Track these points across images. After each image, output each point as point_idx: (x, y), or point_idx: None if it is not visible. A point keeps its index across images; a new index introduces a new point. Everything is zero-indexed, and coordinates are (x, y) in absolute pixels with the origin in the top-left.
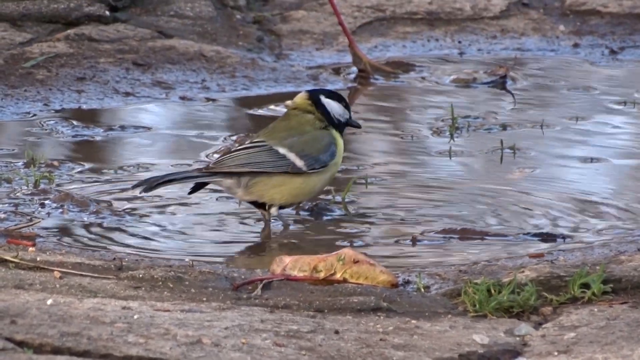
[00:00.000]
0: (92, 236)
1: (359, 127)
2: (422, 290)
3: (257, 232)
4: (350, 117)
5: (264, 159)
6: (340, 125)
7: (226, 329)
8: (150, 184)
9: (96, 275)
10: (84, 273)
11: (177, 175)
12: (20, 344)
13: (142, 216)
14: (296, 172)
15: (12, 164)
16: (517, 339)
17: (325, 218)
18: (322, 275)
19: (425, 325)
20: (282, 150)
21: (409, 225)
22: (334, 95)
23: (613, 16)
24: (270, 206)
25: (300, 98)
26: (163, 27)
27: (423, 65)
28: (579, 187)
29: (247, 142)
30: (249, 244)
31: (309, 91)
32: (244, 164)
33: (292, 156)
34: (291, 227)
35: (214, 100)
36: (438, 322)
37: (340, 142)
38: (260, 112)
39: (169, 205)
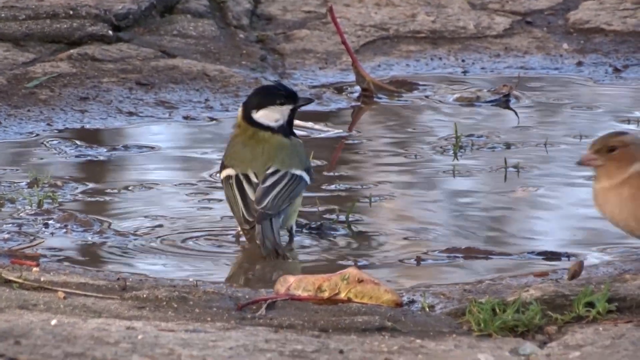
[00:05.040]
0: (96, 256)
1: (310, 102)
2: (427, 309)
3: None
4: (296, 103)
5: (296, 187)
6: (285, 126)
7: (231, 349)
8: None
9: (100, 295)
10: (88, 293)
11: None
12: None
13: (145, 235)
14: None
15: (15, 184)
16: (522, 358)
17: (329, 237)
18: (326, 294)
19: (430, 345)
20: (297, 172)
21: (413, 244)
22: (266, 98)
23: (617, 34)
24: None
25: (239, 118)
26: (166, 47)
27: (427, 84)
28: (582, 205)
29: (268, 174)
30: (253, 263)
31: (243, 108)
32: (287, 198)
33: (304, 174)
34: (295, 247)
35: (217, 119)
36: (443, 341)
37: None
38: None
39: (174, 223)
